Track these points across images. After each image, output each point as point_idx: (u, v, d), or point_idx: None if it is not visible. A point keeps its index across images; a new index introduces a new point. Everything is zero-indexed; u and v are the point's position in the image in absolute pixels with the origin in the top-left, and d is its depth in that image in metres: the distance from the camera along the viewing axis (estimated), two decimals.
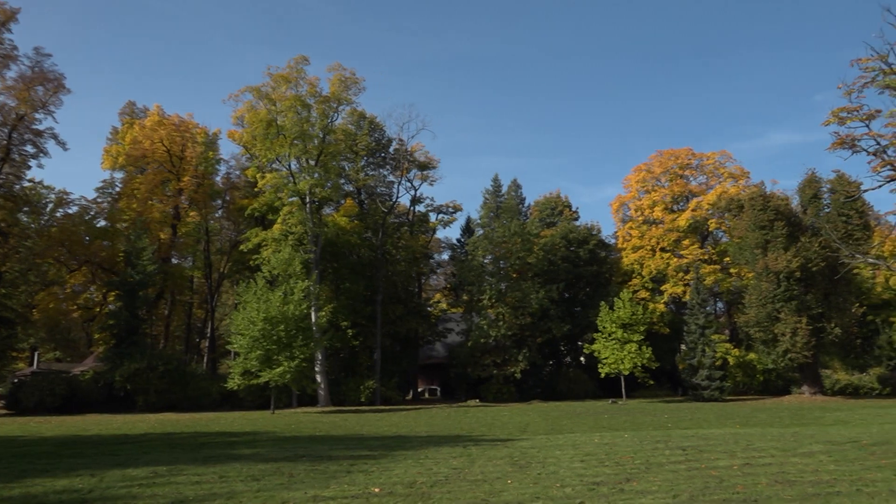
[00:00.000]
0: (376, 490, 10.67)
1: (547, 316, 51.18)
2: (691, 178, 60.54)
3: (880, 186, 16.05)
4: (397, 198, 54.36)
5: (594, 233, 58.04)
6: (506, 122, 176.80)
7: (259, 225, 48.80)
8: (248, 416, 33.30)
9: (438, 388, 57.89)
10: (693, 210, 56.41)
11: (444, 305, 61.15)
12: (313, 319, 40.60)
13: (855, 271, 46.47)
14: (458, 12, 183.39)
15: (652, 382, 49.49)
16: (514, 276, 52.13)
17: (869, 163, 16.06)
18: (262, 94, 44.17)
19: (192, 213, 51.75)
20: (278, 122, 44.04)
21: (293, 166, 45.97)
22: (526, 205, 63.66)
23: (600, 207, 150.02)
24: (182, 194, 50.77)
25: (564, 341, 56.40)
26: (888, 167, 15.70)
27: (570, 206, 63.90)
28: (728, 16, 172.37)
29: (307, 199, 45.00)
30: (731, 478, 11.16)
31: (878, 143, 15.68)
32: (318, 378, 42.44)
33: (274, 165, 47.09)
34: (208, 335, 56.62)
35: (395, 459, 14.42)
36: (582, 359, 56.70)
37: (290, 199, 45.85)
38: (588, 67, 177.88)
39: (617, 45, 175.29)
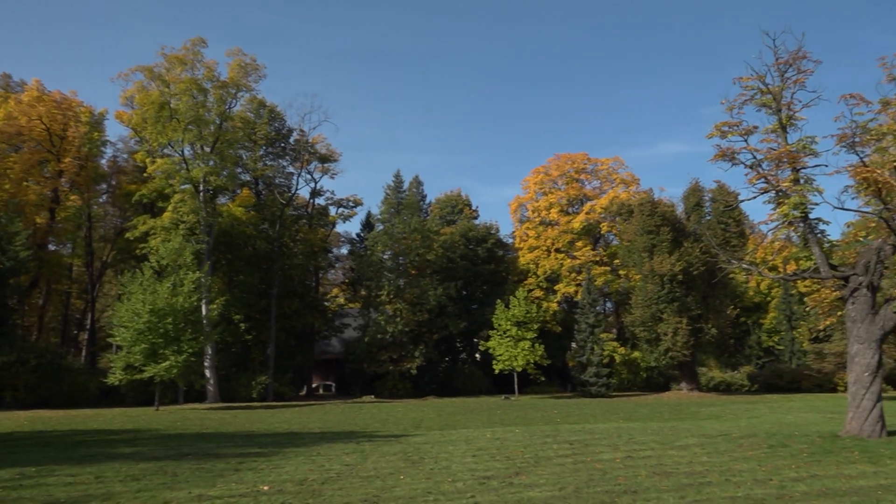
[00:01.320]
0: (265, 488, 10.40)
1: (444, 313, 51.68)
2: (586, 183, 62.81)
3: (755, 197, 17.16)
4: (296, 190, 53.23)
5: (493, 232, 59.12)
6: (410, 118, 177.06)
7: (147, 212, 46.38)
8: (129, 413, 31.62)
9: (333, 384, 57.20)
10: (587, 213, 58.55)
11: (341, 300, 60.45)
12: (204, 312, 39.09)
13: (731, 276, 49.68)
14: (365, 4, 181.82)
15: (543, 379, 51.03)
16: (413, 272, 52.29)
17: (746, 175, 17.10)
18: (155, 75, 42.02)
19: (72, 197, 48.46)
20: (172, 106, 42.03)
21: (187, 152, 43.98)
22: (427, 202, 63.99)
23: (500, 207, 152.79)
24: (62, 176, 47.46)
25: (461, 338, 57.15)
26: (762, 180, 16.81)
27: (470, 205, 64.77)
28: (625, 26, 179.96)
29: (201, 187, 43.23)
30: (614, 470, 11.65)
31: (755, 157, 16.78)
32: (207, 373, 40.92)
33: (166, 150, 44.91)
34: (88, 327, 53.31)
35: (286, 457, 14.12)
36: (477, 355, 57.66)
37: (183, 187, 43.84)
38: (493, 68, 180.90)
39: (523, 48, 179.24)
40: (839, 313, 18.31)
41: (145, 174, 45.41)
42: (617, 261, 57.36)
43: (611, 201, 57.43)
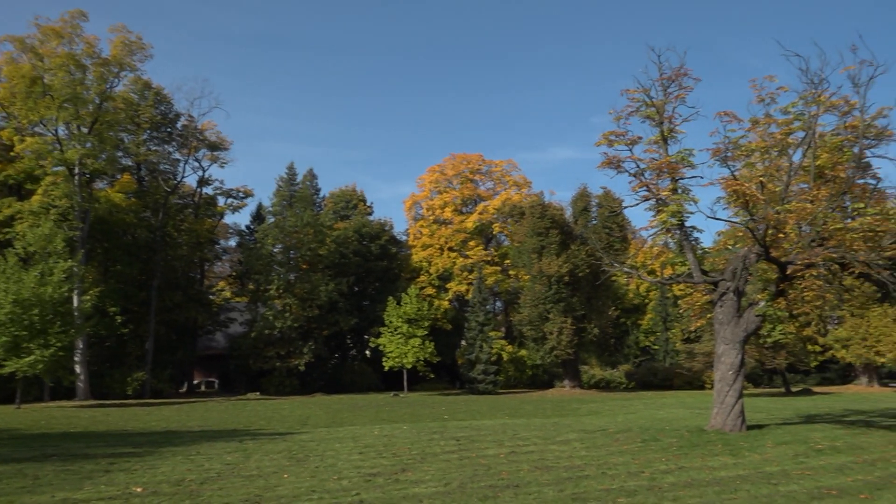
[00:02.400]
0: (138, 490, 9.87)
1: (335, 309, 51.05)
2: (480, 183, 63.90)
3: (637, 204, 18.02)
4: (183, 177, 50.94)
5: (387, 228, 59.00)
6: (305, 109, 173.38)
7: (13, 195, 42.83)
8: None
9: (216, 381, 55.20)
10: (480, 213, 59.58)
11: (227, 294, 58.40)
12: (75, 304, 36.60)
13: (613, 278, 52.07)
14: None
15: (433, 376, 51.46)
16: (304, 267, 51.32)
17: (629, 183, 17.92)
18: (27, 47, 38.94)
19: None
20: (45, 81, 39.06)
21: (61, 132, 40.98)
22: (321, 196, 62.99)
23: (395, 204, 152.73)
24: None
25: (351, 334, 56.68)
26: (644, 188, 17.69)
27: (364, 201, 64.34)
28: (523, 32, 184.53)
29: (76, 170, 40.44)
30: (498, 465, 11.91)
31: (638, 167, 17.63)
32: (78, 369, 38.40)
33: (37, 129, 41.64)
34: None
35: (163, 456, 13.47)
36: (367, 352, 57.37)
37: (55, 169, 40.77)
38: (393, 64, 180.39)
39: (422, 46, 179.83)
40: (708, 316, 19.55)
41: (12, 153, 41.90)
42: (507, 261, 58.78)
43: (503, 202, 58.75)
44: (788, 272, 16.46)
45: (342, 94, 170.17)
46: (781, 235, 16.25)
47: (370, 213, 62.70)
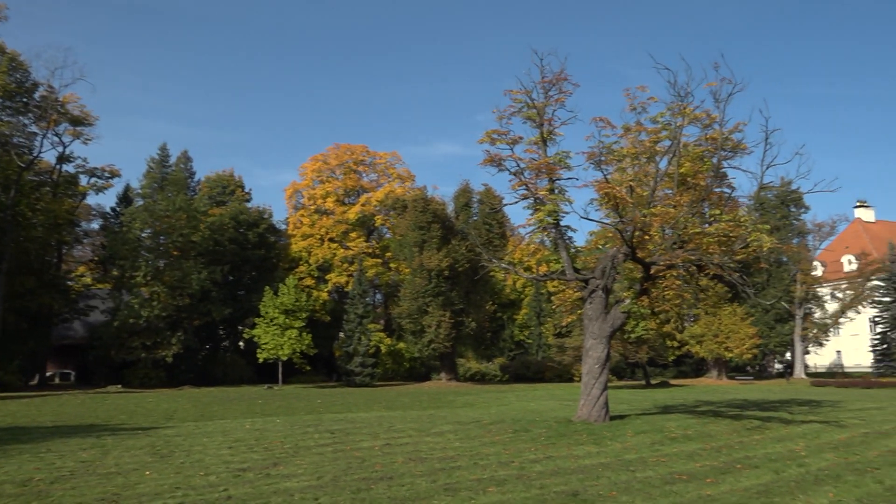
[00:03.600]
0: None
1: (208, 298, 49.02)
2: (364, 175, 63.46)
3: (516, 202, 18.51)
4: (40, 153, 46.85)
5: (266, 216, 57.30)
6: (181, 87, 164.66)
7: None
8: None
9: (73, 373, 51.48)
10: (363, 205, 59.18)
11: (88, 280, 54.49)
12: None
13: (491, 274, 53.33)
14: None
15: (309, 368, 50.64)
16: (175, 253, 48.87)
17: (510, 181, 18.38)
18: None
19: None
20: None
21: None
22: (196, 179, 60.21)
23: (275, 192, 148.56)
24: None
25: (224, 325, 54.67)
26: (523, 187, 18.21)
27: (243, 187, 62.12)
28: (413, 23, 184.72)
29: None
30: (372, 458, 11.89)
31: (518, 166, 18.10)
32: None
33: None
34: None
35: (7, 454, 12.39)
36: (241, 343, 55.59)
37: None
38: (280, 47, 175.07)
39: (312, 31, 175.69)
40: (579, 312, 20.43)
41: None
42: (388, 254, 58.79)
43: (386, 195, 58.66)
44: (652, 272, 17.52)
45: (223, 74, 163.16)
46: (647, 237, 17.26)
47: (248, 200, 60.66)
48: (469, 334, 51.36)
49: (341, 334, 52.28)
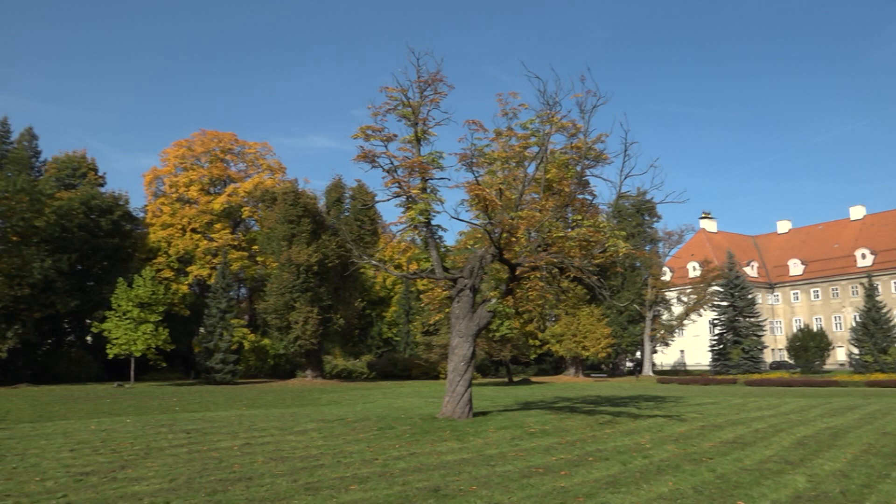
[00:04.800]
0: None
1: (51, 288, 45.21)
2: (232, 164, 61.08)
3: (388, 200, 18.50)
4: None
5: (121, 203, 53.67)
6: (26, 56, 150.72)
7: None
8: None
9: None
10: (229, 195, 56.92)
11: None
12: None
13: (361, 270, 53.12)
14: None
15: (165, 365, 48.07)
16: (15, 239, 44.62)
17: (383, 178, 18.34)
18: None
19: None
20: None
21: None
22: (41, 159, 55.38)
23: (133, 177, 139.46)
24: None
25: (70, 318, 50.70)
26: (396, 185, 18.24)
27: (96, 170, 57.78)
28: (287, 12, 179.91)
29: None
30: (231, 458, 11.45)
31: (392, 163, 18.11)
32: None
33: None
34: None
35: None
36: (89, 338, 51.78)
37: None
38: (143, 20, 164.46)
39: (180, 7, 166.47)
40: (446, 310, 20.75)
41: None
42: (255, 247, 56.90)
43: (255, 186, 56.77)
44: (517, 273, 18.11)
45: (77, 44, 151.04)
46: (513, 239, 17.81)
47: (102, 185, 56.57)
48: (337, 331, 50.78)
49: (202, 329, 49.99)
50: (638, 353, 71.44)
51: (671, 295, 70.83)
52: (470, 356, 17.89)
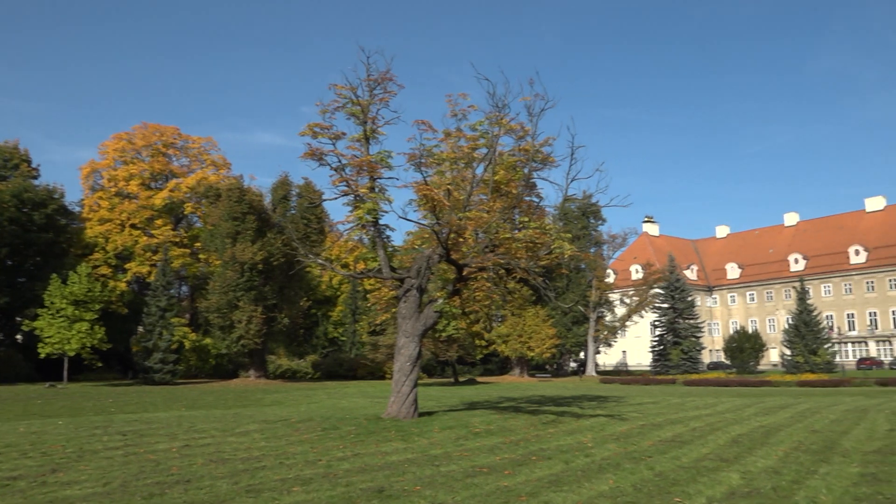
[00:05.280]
0: None
1: None
2: (174, 159, 59.54)
3: (336, 198, 18.32)
4: None
5: (56, 196, 51.69)
6: None
7: None
8: None
9: None
10: (171, 191, 55.47)
11: None
12: None
13: (307, 269, 52.44)
14: None
15: (101, 365, 46.55)
16: None
17: (330, 176, 18.16)
18: None
19: None
20: None
21: None
22: None
23: (70, 170, 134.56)
24: None
25: None
26: (344, 183, 18.09)
27: (29, 162, 55.49)
28: (236, 7, 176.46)
29: None
30: (169, 460, 11.15)
31: (340, 161, 17.94)
32: None
33: None
34: None
35: None
36: (19, 337, 49.72)
37: None
38: (81, 6, 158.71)
39: (119, 1, 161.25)
40: (393, 310, 20.68)
41: None
42: (198, 244, 55.60)
43: (198, 182, 55.48)
44: (464, 273, 18.18)
45: (10, 31, 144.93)
46: (461, 240, 17.87)
47: (35, 177, 54.35)
48: (281, 330, 50.04)
49: (140, 328, 48.57)
50: (582, 354, 72.66)
51: (614, 297, 72.29)
52: (416, 356, 17.86)
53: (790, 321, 60.42)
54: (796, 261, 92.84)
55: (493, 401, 26.27)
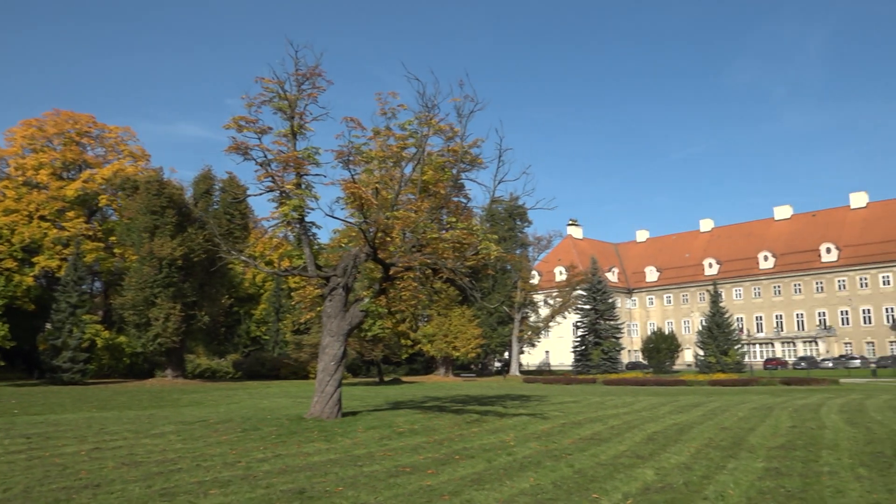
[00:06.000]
0: None
1: None
2: (89, 148, 56.85)
3: (261, 194, 17.94)
4: None
5: None
6: None
7: None
8: None
9: None
10: (85, 181, 52.91)
11: None
12: None
13: (230, 266, 51.09)
14: None
15: (3, 364, 44.01)
16: None
17: (256, 171, 17.76)
18: None
19: None
20: None
21: None
22: None
23: None
24: None
25: None
26: (269, 179, 17.73)
27: None
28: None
29: None
30: (77, 464, 10.64)
31: (266, 157, 17.56)
32: None
33: None
34: None
35: None
36: None
37: None
38: None
39: None
40: (318, 309, 20.39)
41: None
42: (113, 238, 53.27)
43: (115, 173, 53.13)
44: (391, 273, 18.12)
45: None
46: (388, 239, 17.81)
47: None
48: (201, 329, 48.58)
49: (48, 325, 46.12)
50: (506, 354, 73.66)
51: (539, 298, 73.64)
52: (341, 355, 17.69)
53: (704, 323, 63.05)
54: (710, 265, 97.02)
55: (417, 400, 26.30)
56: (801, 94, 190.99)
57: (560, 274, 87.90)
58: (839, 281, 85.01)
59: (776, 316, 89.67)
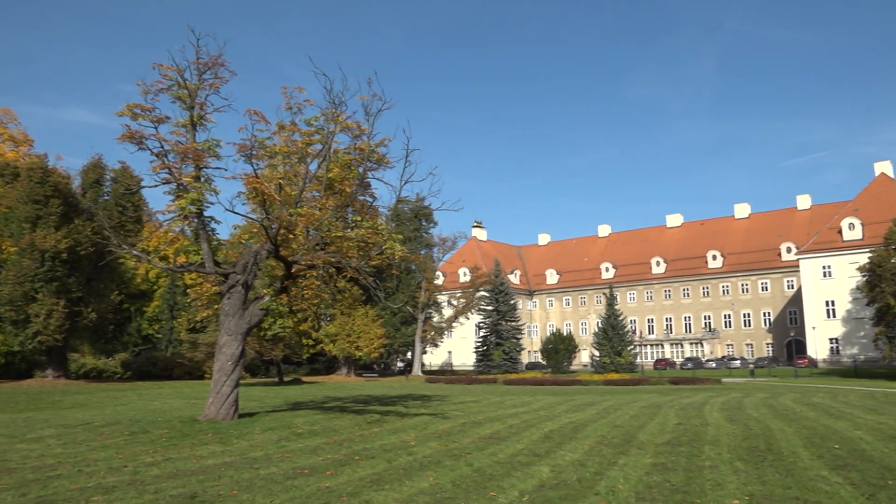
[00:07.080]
0: None
1: None
2: None
3: (157, 186, 17.14)
4: None
5: None
6: None
7: None
8: None
9: None
10: None
11: None
12: None
13: (120, 260, 48.51)
14: None
15: None
16: None
17: (151, 162, 16.95)
18: None
19: None
20: None
21: None
22: None
23: None
24: None
25: None
26: (166, 170, 16.97)
27: None
28: None
29: None
30: None
31: (162, 147, 16.80)
32: None
33: None
34: None
35: None
36: None
37: None
38: None
39: None
40: (216, 307, 19.72)
41: None
42: None
43: None
44: (293, 271, 17.75)
45: None
46: (291, 236, 17.44)
47: None
48: (87, 326, 45.87)
49: None
50: (409, 354, 73.82)
51: (442, 298, 74.26)
52: (238, 355, 17.17)
53: (600, 325, 65.48)
54: (607, 269, 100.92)
55: (318, 401, 25.92)
56: (694, 110, 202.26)
57: (464, 275, 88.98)
58: (723, 286, 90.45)
59: (666, 318, 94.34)
